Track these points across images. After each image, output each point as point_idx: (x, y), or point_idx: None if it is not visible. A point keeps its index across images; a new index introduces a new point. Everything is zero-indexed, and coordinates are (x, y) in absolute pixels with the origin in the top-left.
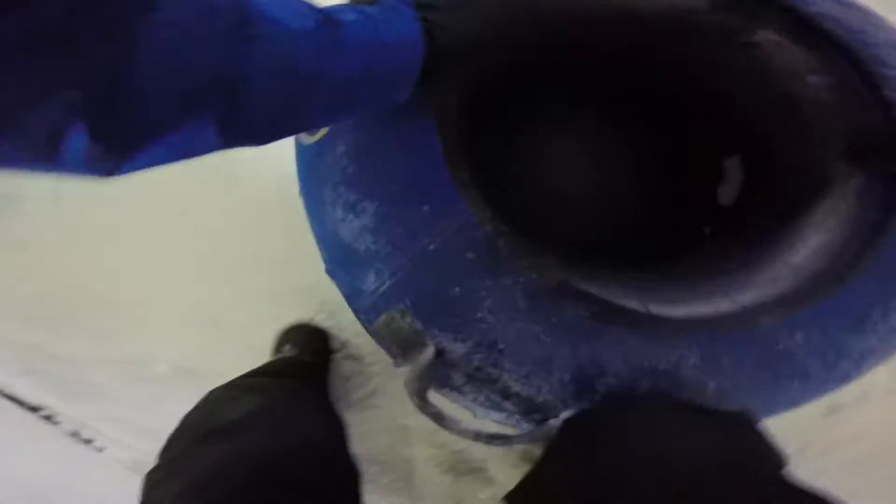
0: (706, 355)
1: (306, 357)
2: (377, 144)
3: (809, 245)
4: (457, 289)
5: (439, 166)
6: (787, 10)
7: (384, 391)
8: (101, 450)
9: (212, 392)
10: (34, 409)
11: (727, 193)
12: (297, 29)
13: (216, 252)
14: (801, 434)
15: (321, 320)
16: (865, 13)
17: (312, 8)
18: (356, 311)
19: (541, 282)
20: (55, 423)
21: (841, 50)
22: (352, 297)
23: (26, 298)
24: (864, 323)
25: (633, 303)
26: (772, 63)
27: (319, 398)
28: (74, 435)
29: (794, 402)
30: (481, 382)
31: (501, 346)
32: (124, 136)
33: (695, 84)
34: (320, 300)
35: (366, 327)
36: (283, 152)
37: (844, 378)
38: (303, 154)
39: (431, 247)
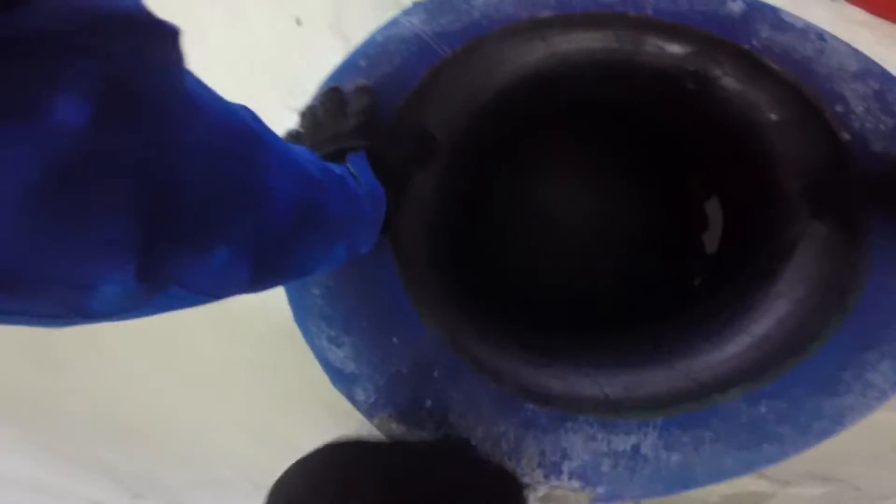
0: (664, 435)
1: None
2: (345, 286)
3: (773, 314)
4: (429, 401)
5: (402, 301)
6: (740, 53)
7: None
8: None
9: None
10: None
11: (712, 241)
12: (312, 171)
13: (246, 380)
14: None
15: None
16: (816, 36)
17: (317, 157)
18: (362, 413)
19: (500, 388)
20: None
21: (789, 88)
22: (353, 403)
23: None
24: (835, 386)
25: (591, 389)
26: (729, 105)
27: None
28: None
29: (771, 461)
30: None
31: (473, 443)
32: (167, 269)
33: (666, 126)
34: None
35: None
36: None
37: (825, 433)
38: (289, 292)
39: (404, 370)
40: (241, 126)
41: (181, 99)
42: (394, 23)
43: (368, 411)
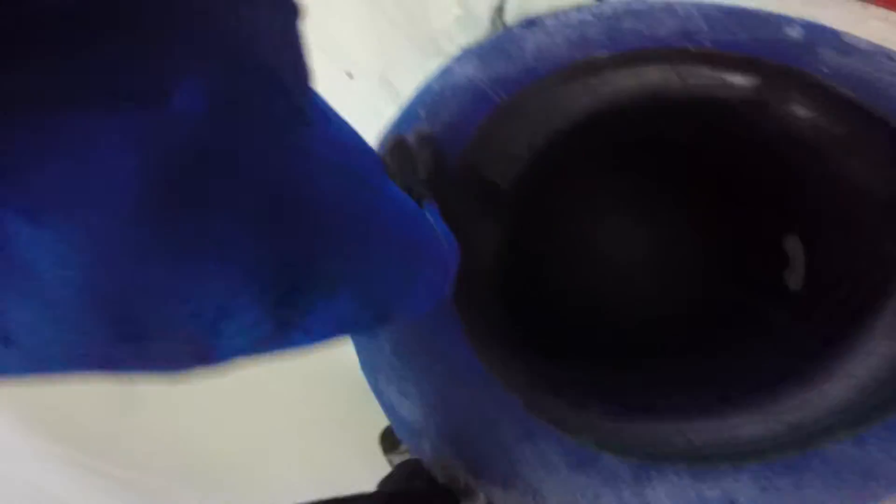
0: (760, 479)
1: None
2: (414, 344)
3: (877, 354)
4: (498, 451)
5: (470, 358)
6: (808, 81)
7: None
8: None
9: None
10: None
11: (794, 278)
12: (415, 211)
13: (301, 417)
14: None
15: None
16: (884, 57)
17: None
18: (424, 462)
19: (577, 441)
20: None
21: (865, 113)
22: (418, 453)
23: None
24: None
25: (675, 436)
26: (802, 135)
27: None
28: None
29: (881, 498)
30: None
31: (546, 495)
32: (296, 303)
33: (741, 163)
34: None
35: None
36: None
37: None
38: (358, 346)
39: (473, 421)
40: (364, 147)
41: (310, 101)
42: (448, 71)
43: (434, 461)
